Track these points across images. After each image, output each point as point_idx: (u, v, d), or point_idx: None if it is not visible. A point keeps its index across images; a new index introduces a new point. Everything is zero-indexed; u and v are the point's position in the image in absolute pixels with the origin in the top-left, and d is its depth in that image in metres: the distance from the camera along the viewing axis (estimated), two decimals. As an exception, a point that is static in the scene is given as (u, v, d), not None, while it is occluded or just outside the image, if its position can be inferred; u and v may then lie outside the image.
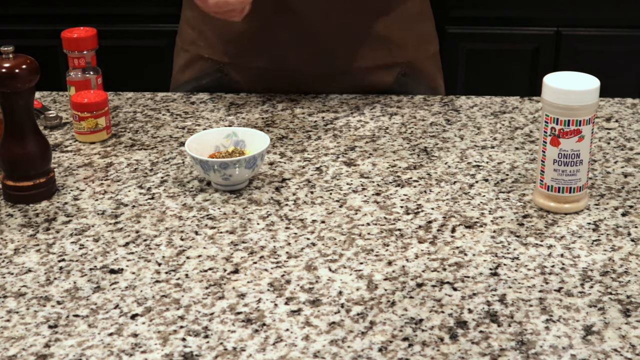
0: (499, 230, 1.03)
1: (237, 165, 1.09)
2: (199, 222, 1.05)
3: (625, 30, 2.45)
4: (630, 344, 0.84)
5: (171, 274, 0.96)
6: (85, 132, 1.25)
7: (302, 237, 1.02)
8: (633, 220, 1.05)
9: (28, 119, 1.08)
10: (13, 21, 2.54)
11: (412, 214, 1.07)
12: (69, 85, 1.30)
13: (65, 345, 0.85)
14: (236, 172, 1.09)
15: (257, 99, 1.39)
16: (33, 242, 1.02)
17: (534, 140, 1.25)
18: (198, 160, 1.09)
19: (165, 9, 2.50)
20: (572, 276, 0.95)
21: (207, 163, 1.09)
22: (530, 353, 0.83)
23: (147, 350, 0.84)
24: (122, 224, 1.05)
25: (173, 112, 1.35)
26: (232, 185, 1.11)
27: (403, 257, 0.98)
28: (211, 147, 1.15)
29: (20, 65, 1.05)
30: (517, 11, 2.45)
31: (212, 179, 1.11)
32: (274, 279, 0.94)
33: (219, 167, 1.08)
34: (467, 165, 1.18)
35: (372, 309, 0.89)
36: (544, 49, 2.47)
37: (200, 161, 1.09)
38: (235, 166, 1.09)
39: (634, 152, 1.22)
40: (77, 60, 1.29)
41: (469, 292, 0.92)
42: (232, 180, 1.10)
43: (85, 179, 1.16)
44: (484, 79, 2.50)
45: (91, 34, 1.29)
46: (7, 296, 0.92)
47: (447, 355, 0.83)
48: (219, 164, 1.08)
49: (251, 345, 0.84)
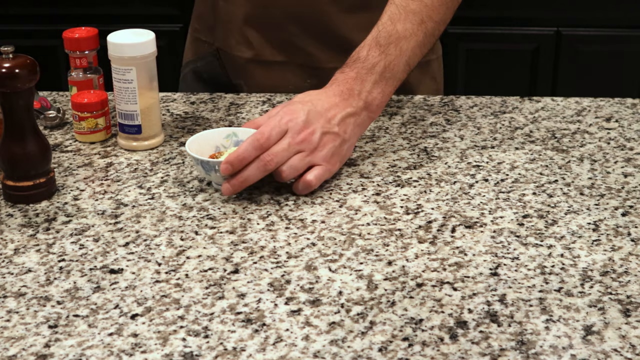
0: (499, 230, 1.03)
1: None
2: (199, 222, 1.05)
3: (625, 30, 2.45)
4: (630, 344, 0.84)
5: (171, 274, 0.96)
6: (85, 132, 1.25)
7: (302, 237, 1.02)
8: (633, 220, 1.05)
9: (28, 119, 1.08)
10: (13, 21, 2.54)
11: (412, 214, 1.07)
12: (71, 86, 1.30)
13: (65, 345, 0.85)
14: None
15: (257, 99, 1.39)
16: (33, 242, 1.02)
17: (534, 140, 1.25)
18: (199, 160, 1.09)
19: (165, 9, 2.51)
20: (572, 276, 0.95)
21: (207, 163, 1.09)
22: (530, 353, 0.83)
23: (147, 350, 0.84)
24: (122, 224, 1.05)
25: (173, 112, 1.35)
26: None
27: (403, 257, 0.98)
28: (211, 147, 1.15)
29: (20, 65, 1.05)
30: (517, 11, 2.46)
31: (212, 179, 1.11)
32: (274, 279, 0.94)
33: (220, 168, 1.08)
34: (467, 165, 1.18)
35: (372, 309, 0.89)
36: (544, 49, 2.47)
37: (201, 162, 1.09)
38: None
39: (634, 152, 1.22)
40: (79, 60, 1.29)
41: (469, 292, 0.92)
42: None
43: (85, 179, 1.16)
44: (484, 79, 2.50)
45: (92, 34, 1.29)
46: (7, 296, 0.92)
47: (447, 355, 0.83)
48: (219, 164, 1.08)
49: (251, 345, 0.84)
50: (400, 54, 1.18)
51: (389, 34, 1.18)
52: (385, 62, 1.17)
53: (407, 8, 1.20)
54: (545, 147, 1.23)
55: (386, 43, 1.17)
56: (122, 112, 1.22)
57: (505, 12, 2.46)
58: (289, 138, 1.09)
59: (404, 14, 1.20)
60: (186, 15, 2.48)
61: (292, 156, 1.09)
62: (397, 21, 1.19)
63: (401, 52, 1.18)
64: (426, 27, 1.21)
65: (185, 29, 2.51)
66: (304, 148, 1.09)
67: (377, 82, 1.16)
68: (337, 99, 1.14)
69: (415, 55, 1.20)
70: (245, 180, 1.08)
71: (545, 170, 1.17)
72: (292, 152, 1.09)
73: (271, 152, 1.08)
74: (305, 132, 1.09)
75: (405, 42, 1.18)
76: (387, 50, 1.17)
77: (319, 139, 1.10)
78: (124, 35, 1.19)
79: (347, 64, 1.18)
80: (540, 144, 1.24)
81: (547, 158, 1.20)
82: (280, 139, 1.09)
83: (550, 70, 2.50)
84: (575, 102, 1.38)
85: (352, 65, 1.17)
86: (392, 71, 1.17)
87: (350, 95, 1.15)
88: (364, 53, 1.17)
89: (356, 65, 1.17)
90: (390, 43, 1.18)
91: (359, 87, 1.15)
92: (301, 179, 1.10)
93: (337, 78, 1.17)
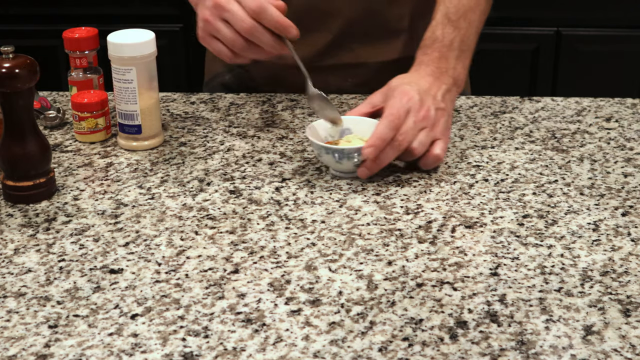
0: (499, 230, 1.03)
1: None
2: (199, 222, 1.05)
3: (625, 30, 2.45)
4: (630, 344, 0.84)
5: (171, 274, 0.96)
6: (85, 132, 1.25)
7: (302, 237, 1.02)
8: (633, 220, 1.05)
9: (28, 119, 1.08)
10: (13, 21, 2.54)
11: (412, 214, 1.07)
12: (71, 86, 1.30)
13: (65, 345, 0.85)
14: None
15: (257, 99, 1.39)
16: (33, 242, 1.02)
17: (534, 140, 1.25)
18: (332, 149, 1.12)
19: (165, 9, 2.50)
20: (572, 276, 0.95)
21: (342, 151, 1.12)
22: (530, 353, 0.83)
23: (147, 350, 0.84)
24: (122, 224, 1.05)
25: (173, 112, 1.35)
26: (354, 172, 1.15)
27: (403, 257, 0.98)
28: (320, 137, 1.17)
29: (20, 65, 1.05)
30: (517, 11, 2.45)
31: (337, 167, 1.14)
32: (274, 279, 0.94)
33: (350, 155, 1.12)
34: (467, 165, 1.18)
35: (372, 309, 0.89)
36: (544, 49, 2.47)
37: (334, 150, 1.12)
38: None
39: (634, 152, 1.22)
40: (79, 60, 1.29)
41: (469, 292, 0.92)
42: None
43: (85, 179, 1.16)
44: (483, 79, 2.50)
45: (92, 34, 1.29)
46: (7, 296, 0.92)
47: (447, 355, 0.83)
48: (355, 150, 1.11)
49: (251, 345, 0.84)
50: (470, 25, 1.25)
51: (457, 9, 1.25)
52: (460, 36, 1.23)
53: None
54: (545, 147, 1.23)
55: (456, 18, 1.24)
56: (122, 112, 1.22)
57: (505, 12, 2.46)
58: (413, 117, 1.13)
59: None
60: (186, 15, 2.49)
61: (417, 133, 1.13)
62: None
63: (470, 23, 1.25)
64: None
65: (186, 29, 2.51)
66: (426, 124, 1.14)
67: (458, 57, 1.22)
68: (431, 78, 1.19)
69: (481, 23, 1.28)
70: (382, 161, 1.12)
71: (545, 170, 1.17)
72: (417, 130, 1.13)
73: (401, 132, 1.12)
74: (423, 109, 1.14)
75: (471, 13, 1.25)
76: (459, 24, 1.23)
77: (434, 114, 1.15)
78: (124, 35, 1.20)
79: (426, 45, 1.23)
80: (540, 144, 1.24)
81: (547, 158, 1.20)
82: (406, 119, 1.13)
83: (550, 70, 2.49)
84: (575, 102, 1.38)
85: (432, 45, 1.23)
86: (466, 44, 1.24)
87: (440, 73, 1.20)
88: (439, 32, 1.23)
89: (436, 45, 1.22)
90: (459, 17, 1.24)
91: (445, 65, 1.21)
92: (429, 153, 1.14)
93: (422, 60, 1.22)
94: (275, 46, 1.16)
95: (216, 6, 1.15)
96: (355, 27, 1.38)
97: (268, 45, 1.16)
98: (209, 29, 1.16)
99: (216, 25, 1.15)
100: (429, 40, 1.23)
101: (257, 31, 1.14)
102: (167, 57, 2.42)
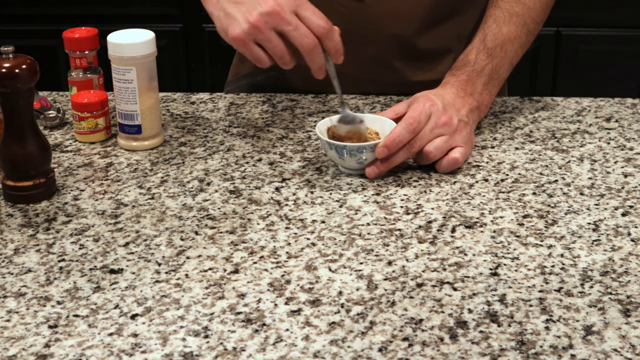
0: (499, 230, 1.03)
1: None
2: (199, 222, 1.05)
3: (625, 30, 2.45)
4: (630, 344, 0.84)
5: (171, 274, 0.96)
6: (85, 132, 1.25)
7: (302, 237, 1.02)
8: (633, 220, 1.05)
9: (28, 119, 1.08)
10: (13, 21, 2.54)
11: (412, 214, 1.07)
12: (71, 86, 1.30)
13: (65, 345, 0.85)
14: (371, 155, 1.13)
15: (257, 99, 1.39)
16: (33, 242, 1.02)
17: (534, 140, 1.25)
18: (343, 147, 1.12)
19: (165, 9, 2.51)
20: (572, 276, 0.95)
21: (345, 148, 1.12)
22: (530, 353, 0.83)
23: (147, 350, 0.84)
24: (122, 224, 1.05)
25: (173, 112, 1.35)
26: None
27: (403, 257, 0.98)
28: (329, 126, 1.18)
29: (20, 65, 1.05)
30: (517, 11, 2.45)
31: (345, 164, 1.14)
32: (274, 279, 0.94)
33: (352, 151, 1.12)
34: (467, 165, 1.18)
35: (372, 309, 0.89)
36: (544, 49, 2.47)
37: (345, 147, 1.12)
38: (371, 149, 1.12)
39: (634, 152, 1.22)
40: (79, 60, 1.29)
41: (469, 292, 0.92)
42: (367, 163, 1.14)
43: (85, 179, 1.16)
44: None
45: (92, 34, 1.29)
46: (7, 296, 0.92)
47: (447, 355, 0.83)
48: (369, 146, 1.11)
49: (251, 345, 0.84)
50: (505, 55, 1.24)
51: (495, 37, 1.24)
52: (493, 65, 1.23)
53: (512, 11, 1.25)
54: (545, 147, 1.23)
55: (493, 46, 1.23)
56: (122, 112, 1.22)
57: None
58: (432, 122, 1.14)
59: (508, 17, 1.25)
60: (186, 15, 2.49)
61: (434, 138, 1.14)
62: (502, 24, 1.24)
63: (506, 54, 1.24)
64: (528, 29, 1.27)
65: (186, 29, 2.52)
66: (446, 132, 1.14)
67: (486, 84, 1.22)
68: (455, 96, 1.19)
69: (517, 56, 1.26)
70: (392, 162, 1.13)
71: (545, 170, 1.17)
72: (434, 135, 1.14)
73: (418, 136, 1.13)
74: (445, 115, 1.14)
75: (509, 45, 1.24)
76: (494, 53, 1.23)
77: (457, 123, 1.15)
78: (124, 35, 1.20)
79: (457, 67, 1.23)
80: (540, 144, 1.24)
81: (547, 158, 1.20)
82: (426, 124, 1.14)
83: (550, 70, 2.49)
84: (575, 102, 1.38)
85: (463, 68, 1.22)
86: (497, 73, 1.24)
87: (465, 94, 1.20)
88: (472, 56, 1.23)
89: (466, 68, 1.22)
90: (496, 46, 1.23)
91: (471, 88, 1.21)
92: (446, 156, 1.15)
93: (449, 81, 1.22)
94: (324, 68, 1.13)
95: (273, 15, 1.08)
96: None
97: (318, 65, 1.12)
98: (257, 35, 1.10)
99: (268, 35, 1.09)
100: (460, 62, 1.23)
101: (317, 50, 1.11)
102: (167, 57, 2.42)
